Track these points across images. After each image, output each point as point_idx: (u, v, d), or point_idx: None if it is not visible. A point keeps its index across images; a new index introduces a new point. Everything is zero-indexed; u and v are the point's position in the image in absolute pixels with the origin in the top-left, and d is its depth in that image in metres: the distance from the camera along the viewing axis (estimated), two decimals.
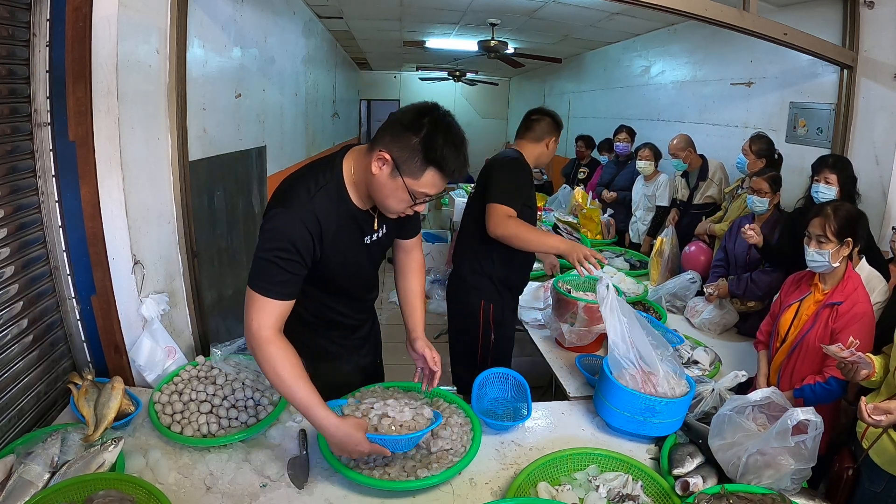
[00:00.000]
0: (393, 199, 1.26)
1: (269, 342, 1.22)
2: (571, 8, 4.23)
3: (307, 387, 1.21)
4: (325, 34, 5.82)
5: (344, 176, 1.31)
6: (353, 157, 1.33)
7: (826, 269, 1.73)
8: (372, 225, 1.39)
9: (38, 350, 1.53)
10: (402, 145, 1.20)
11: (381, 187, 1.25)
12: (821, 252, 1.71)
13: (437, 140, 1.19)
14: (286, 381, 1.21)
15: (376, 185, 1.25)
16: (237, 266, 2.78)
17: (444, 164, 1.21)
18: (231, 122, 2.73)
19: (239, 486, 1.30)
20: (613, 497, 1.30)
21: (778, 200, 2.51)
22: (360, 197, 1.33)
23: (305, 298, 1.39)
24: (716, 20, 2.21)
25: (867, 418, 1.25)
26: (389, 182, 1.23)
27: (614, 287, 1.61)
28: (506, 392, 1.78)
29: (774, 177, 2.50)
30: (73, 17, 1.46)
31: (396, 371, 1.52)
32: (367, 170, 1.25)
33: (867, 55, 2.57)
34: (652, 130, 4.59)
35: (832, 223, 1.69)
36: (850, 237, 1.68)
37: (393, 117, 1.25)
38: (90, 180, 1.56)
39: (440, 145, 1.19)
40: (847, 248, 1.69)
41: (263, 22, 3.28)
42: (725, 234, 2.73)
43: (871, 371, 1.44)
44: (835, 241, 1.69)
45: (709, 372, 2.03)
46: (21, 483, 1.19)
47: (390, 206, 1.28)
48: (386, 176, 1.22)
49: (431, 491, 1.32)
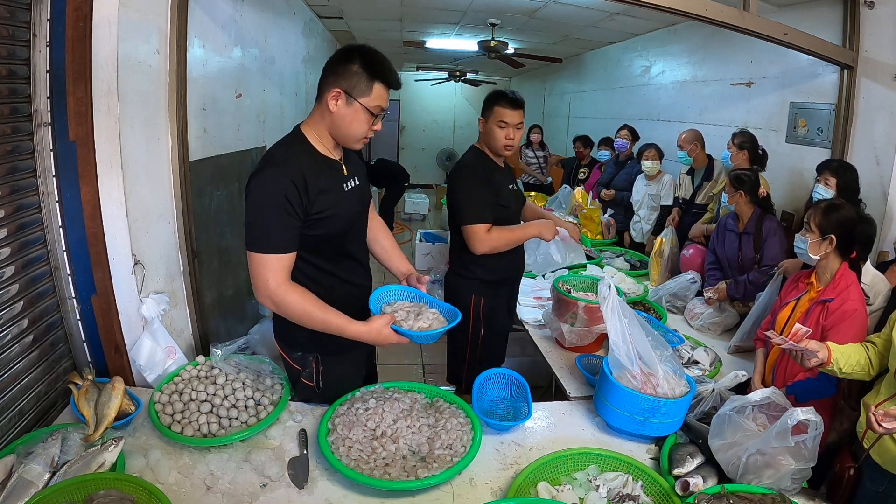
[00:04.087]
0: (356, 125, 1.42)
1: (288, 292, 1.36)
2: (571, 8, 4.23)
3: (336, 312, 1.39)
4: (325, 34, 5.82)
5: (308, 138, 1.46)
6: (307, 122, 1.49)
7: (805, 258, 1.77)
8: (342, 171, 1.51)
9: (38, 350, 1.53)
10: (346, 76, 1.38)
11: (342, 119, 1.41)
12: (803, 239, 1.75)
13: (372, 60, 1.39)
14: (318, 314, 1.38)
15: (338, 119, 1.41)
16: (237, 266, 2.78)
17: (385, 76, 1.40)
18: (231, 122, 2.73)
19: (239, 486, 1.30)
20: (613, 497, 1.30)
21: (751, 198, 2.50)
22: (327, 149, 1.48)
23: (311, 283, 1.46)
24: (716, 20, 2.21)
25: (878, 428, 1.24)
26: (347, 111, 1.40)
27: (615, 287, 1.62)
28: (506, 392, 1.78)
29: (737, 175, 2.52)
30: (73, 17, 1.46)
31: (397, 371, 1.53)
32: (324, 115, 1.43)
33: (867, 55, 2.57)
34: (652, 130, 4.58)
35: (817, 215, 1.73)
36: (834, 235, 1.69)
37: (326, 65, 1.42)
38: (90, 180, 1.56)
39: (376, 63, 1.39)
40: (829, 244, 1.71)
41: (263, 22, 3.28)
42: (712, 236, 2.73)
43: (826, 360, 1.47)
44: (816, 233, 1.72)
45: (709, 372, 2.03)
46: (21, 483, 1.19)
47: (354, 132, 1.43)
48: (343, 106, 1.40)
49: (431, 491, 1.32)
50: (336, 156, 1.51)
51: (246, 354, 1.78)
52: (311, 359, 1.58)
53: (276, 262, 1.35)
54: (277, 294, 1.35)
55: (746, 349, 2.24)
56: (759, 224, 2.48)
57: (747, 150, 2.86)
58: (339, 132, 1.45)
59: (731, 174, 2.55)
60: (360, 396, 1.56)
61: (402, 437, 1.42)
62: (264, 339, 2.55)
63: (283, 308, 1.38)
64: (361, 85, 1.38)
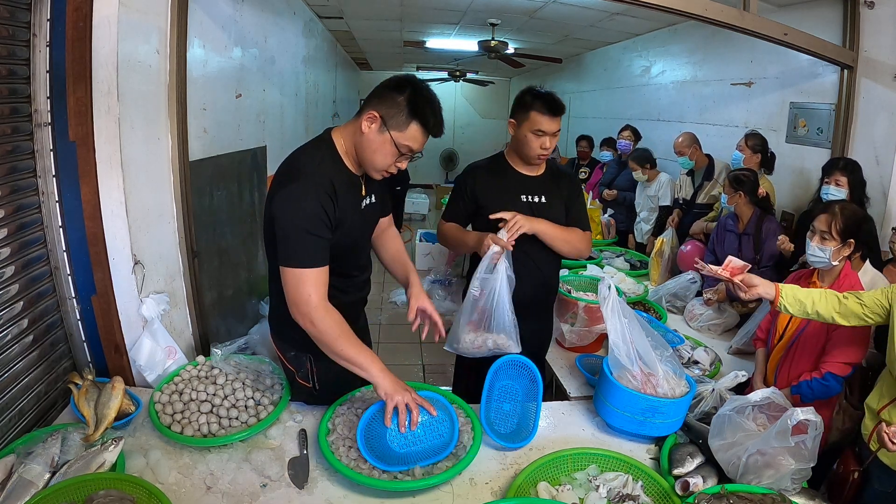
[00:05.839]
0: (380, 154, 1.38)
1: (329, 312, 1.34)
2: (571, 8, 4.23)
3: (364, 350, 1.37)
4: (325, 34, 5.82)
5: (336, 145, 1.43)
6: (340, 130, 1.45)
7: (825, 266, 1.74)
8: (361, 190, 1.49)
9: (38, 350, 1.53)
10: (388, 104, 1.35)
11: (369, 143, 1.37)
12: (822, 248, 1.71)
13: (420, 98, 1.35)
14: (350, 347, 1.35)
15: (365, 143, 1.38)
16: (237, 266, 2.78)
17: (426, 118, 1.35)
18: (231, 122, 2.73)
19: (239, 486, 1.30)
20: (613, 497, 1.30)
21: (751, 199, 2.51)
22: (351, 164, 1.45)
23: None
24: (716, 20, 2.21)
25: (893, 447, 1.23)
26: (377, 137, 1.36)
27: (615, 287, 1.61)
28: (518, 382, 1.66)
29: (736, 176, 2.52)
30: (73, 17, 1.46)
31: (397, 371, 1.52)
32: (355, 133, 1.39)
33: (867, 55, 2.57)
34: (652, 130, 4.59)
35: (838, 221, 1.69)
36: (853, 238, 1.69)
37: (379, 85, 1.39)
38: (90, 180, 1.56)
39: (423, 102, 1.35)
40: (848, 248, 1.70)
41: (263, 22, 3.28)
42: (712, 236, 2.73)
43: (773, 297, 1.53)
44: (837, 240, 1.69)
45: (709, 372, 2.03)
46: (21, 483, 1.19)
47: (377, 162, 1.40)
48: (374, 132, 1.36)
49: (431, 491, 1.32)
50: (358, 171, 1.47)
51: (246, 354, 1.78)
52: (304, 359, 1.55)
53: (317, 277, 1.33)
54: (319, 311, 1.32)
55: (747, 352, 2.24)
56: (759, 225, 2.48)
57: (760, 152, 2.87)
58: (363, 155, 1.41)
59: (731, 175, 2.56)
60: (360, 396, 1.56)
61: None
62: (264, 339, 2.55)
63: (320, 327, 1.33)
64: (400, 118, 1.34)
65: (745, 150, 2.88)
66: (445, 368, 3.65)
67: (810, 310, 1.54)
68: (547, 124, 1.75)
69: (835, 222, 1.69)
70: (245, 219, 2.89)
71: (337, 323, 1.34)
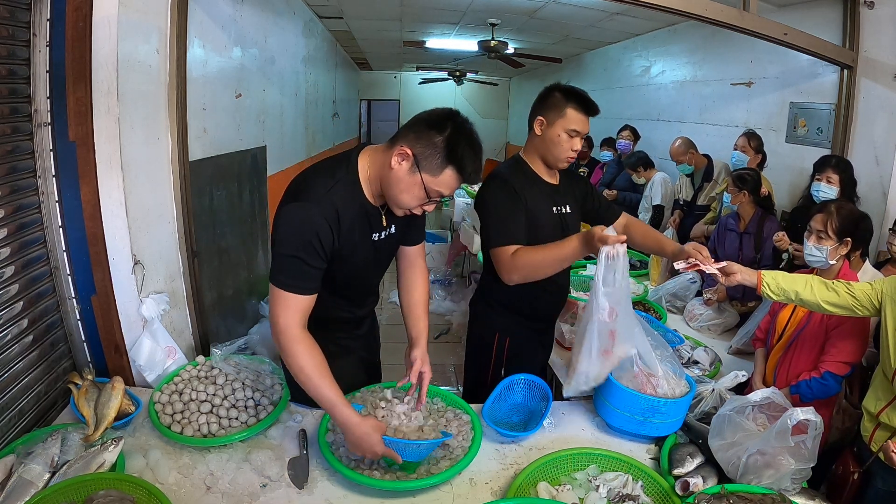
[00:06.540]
0: (407, 195, 1.28)
1: (296, 341, 1.26)
2: (571, 8, 4.23)
3: (332, 385, 1.26)
4: (325, 34, 5.83)
5: (359, 172, 1.34)
6: (369, 154, 1.36)
7: (822, 265, 1.74)
8: (381, 221, 1.40)
9: (38, 350, 1.53)
10: (424, 143, 1.24)
11: (397, 182, 1.27)
12: (819, 248, 1.71)
13: (460, 141, 1.24)
14: (313, 379, 1.25)
15: (393, 179, 1.27)
16: (237, 266, 2.78)
17: (463, 164, 1.25)
18: (231, 122, 2.73)
19: (239, 486, 1.30)
20: (613, 497, 1.30)
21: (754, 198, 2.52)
22: (372, 193, 1.36)
23: None
24: (716, 20, 2.21)
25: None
26: (407, 177, 1.26)
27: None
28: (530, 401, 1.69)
29: (740, 175, 2.53)
30: (73, 17, 1.46)
31: (397, 371, 1.52)
32: (384, 165, 1.29)
33: (867, 55, 2.57)
34: (652, 130, 4.59)
35: (834, 221, 1.69)
36: (850, 237, 1.69)
37: (417, 117, 1.29)
38: (90, 180, 1.56)
39: (462, 146, 1.24)
40: (845, 247, 1.70)
41: (263, 22, 3.29)
42: (713, 235, 2.73)
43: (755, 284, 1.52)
44: (834, 239, 1.69)
45: (709, 372, 2.03)
46: (21, 483, 1.19)
47: (403, 202, 1.30)
48: (405, 171, 1.25)
49: (431, 491, 1.32)
50: (379, 202, 1.37)
51: (246, 354, 1.78)
52: None
53: (295, 303, 1.26)
54: (286, 336, 1.25)
55: (747, 352, 2.24)
56: (761, 224, 2.48)
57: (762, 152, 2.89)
58: (388, 191, 1.30)
59: (734, 174, 2.56)
60: (359, 397, 1.56)
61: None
62: (264, 339, 2.56)
63: (285, 352, 1.26)
64: (434, 161, 1.23)
65: (748, 151, 2.89)
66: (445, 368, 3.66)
67: (794, 297, 1.53)
68: (583, 124, 1.64)
69: (831, 221, 1.69)
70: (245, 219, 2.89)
71: (306, 352, 1.25)
